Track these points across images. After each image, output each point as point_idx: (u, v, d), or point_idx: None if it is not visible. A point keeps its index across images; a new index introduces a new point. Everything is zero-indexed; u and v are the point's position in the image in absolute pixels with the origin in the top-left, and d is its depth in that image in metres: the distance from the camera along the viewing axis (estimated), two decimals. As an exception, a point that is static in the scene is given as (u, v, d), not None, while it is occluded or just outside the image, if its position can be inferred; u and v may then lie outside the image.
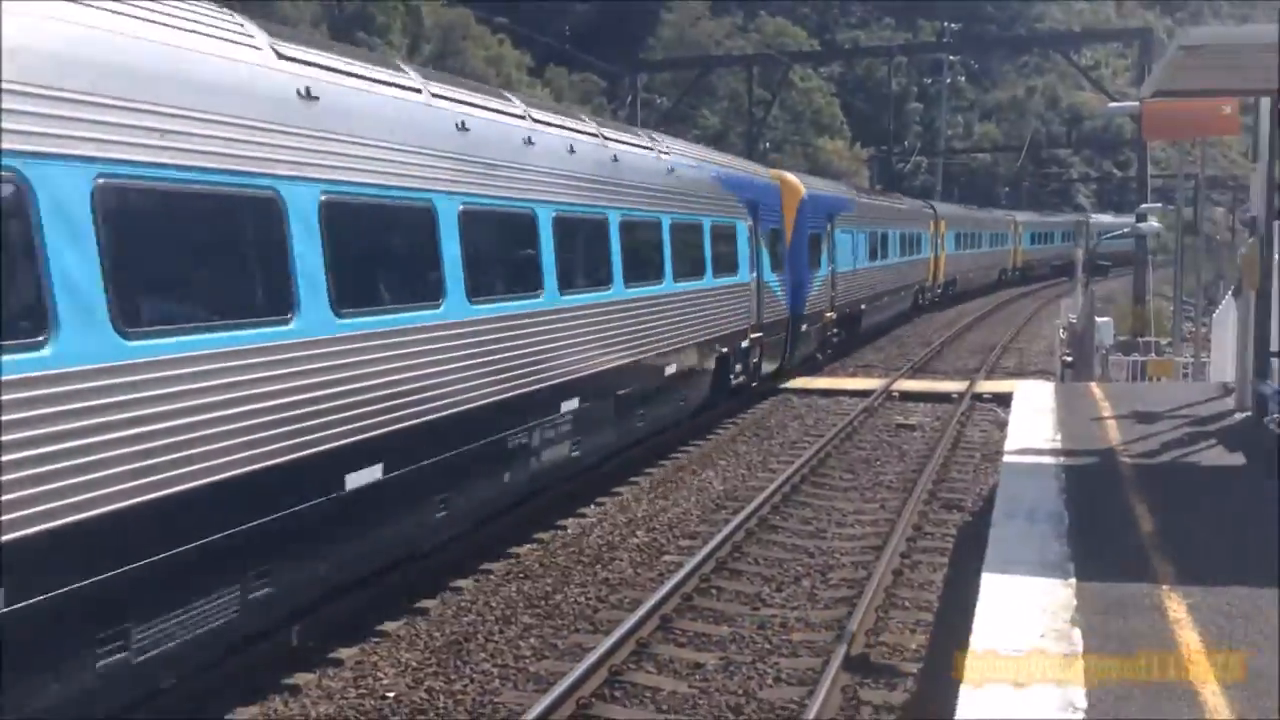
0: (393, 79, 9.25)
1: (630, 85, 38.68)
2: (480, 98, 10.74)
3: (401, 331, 8.75)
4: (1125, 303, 36.44)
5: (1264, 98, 11.42)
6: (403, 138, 8.93)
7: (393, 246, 9.20)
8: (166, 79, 6.51)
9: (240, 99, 7.11)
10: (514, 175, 10.80)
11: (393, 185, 8.78)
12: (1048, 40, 67.34)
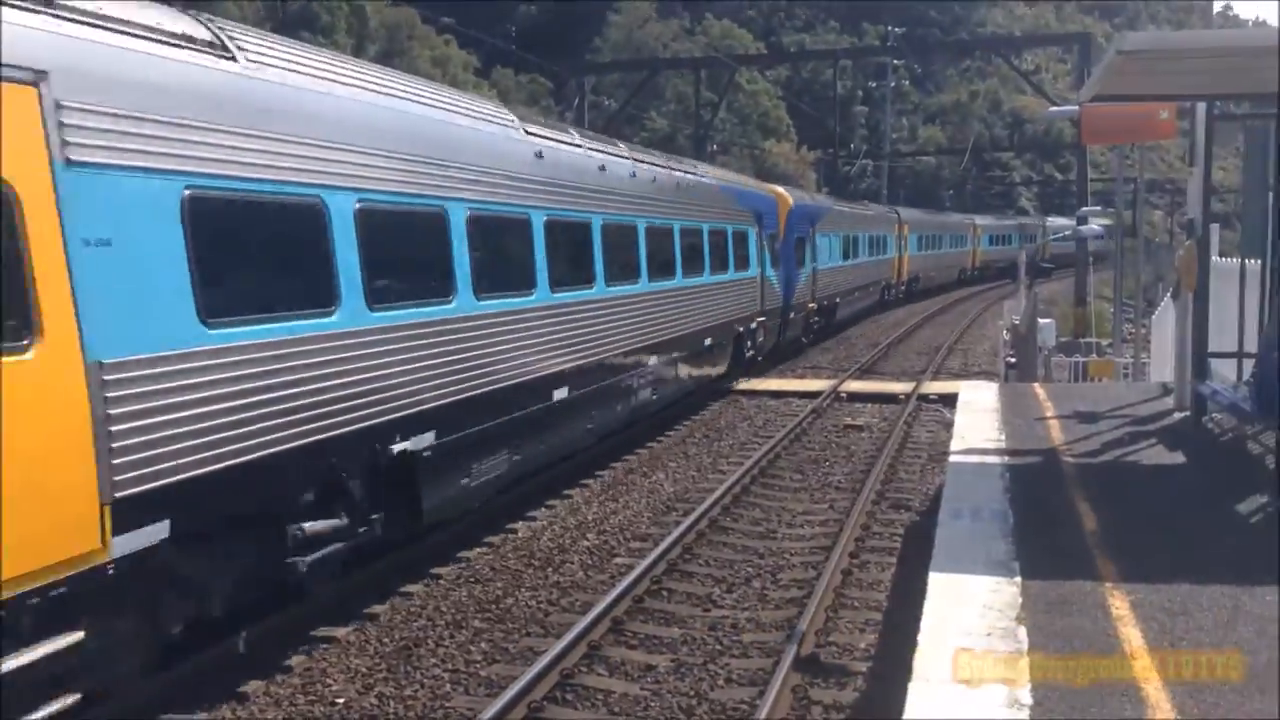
0: (493, 116, 12.04)
1: (578, 87, 38.64)
2: (557, 133, 13.76)
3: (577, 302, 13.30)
4: (1067, 304, 37.04)
5: (1200, 102, 11.67)
6: (504, 169, 11.64)
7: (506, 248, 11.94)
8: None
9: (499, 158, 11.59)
10: (578, 196, 13.69)
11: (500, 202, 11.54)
12: (990, 44, 68.38)
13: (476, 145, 11.07)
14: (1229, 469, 9.24)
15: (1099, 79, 9.65)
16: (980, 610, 5.70)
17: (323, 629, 9.13)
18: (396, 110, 9.81)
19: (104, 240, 6.20)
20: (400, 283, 9.53)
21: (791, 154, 79.67)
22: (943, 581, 6.26)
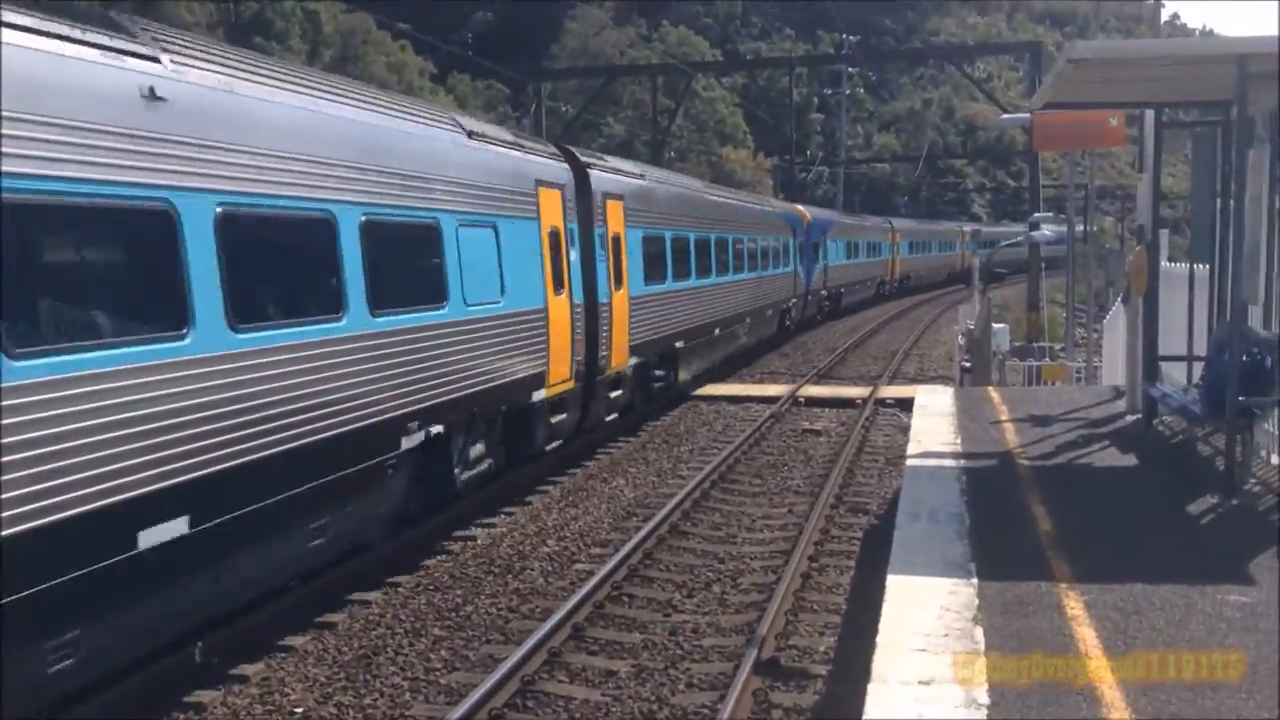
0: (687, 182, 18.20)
1: (534, 93, 38.61)
2: (702, 184, 23.66)
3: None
4: (1021, 309, 37.49)
5: (1149, 110, 11.87)
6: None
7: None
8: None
9: None
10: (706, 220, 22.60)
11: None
12: (943, 53, 69.22)
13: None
14: (1180, 471, 9.39)
15: (1049, 87, 9.80)
16: (938, 612, 5.76)
17: (280, 638, 9.05)
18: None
19: None
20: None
21: (748, 160, 79.98)
22: (900, 584, 6.32)
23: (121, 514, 6.64)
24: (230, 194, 7.94)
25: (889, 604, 5.98)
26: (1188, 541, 7.12)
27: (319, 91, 9.62)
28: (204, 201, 7.65)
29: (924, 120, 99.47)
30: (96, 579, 6.45)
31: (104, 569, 6.52)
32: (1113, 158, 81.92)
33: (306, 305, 9.02)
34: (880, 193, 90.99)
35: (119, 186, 6.89)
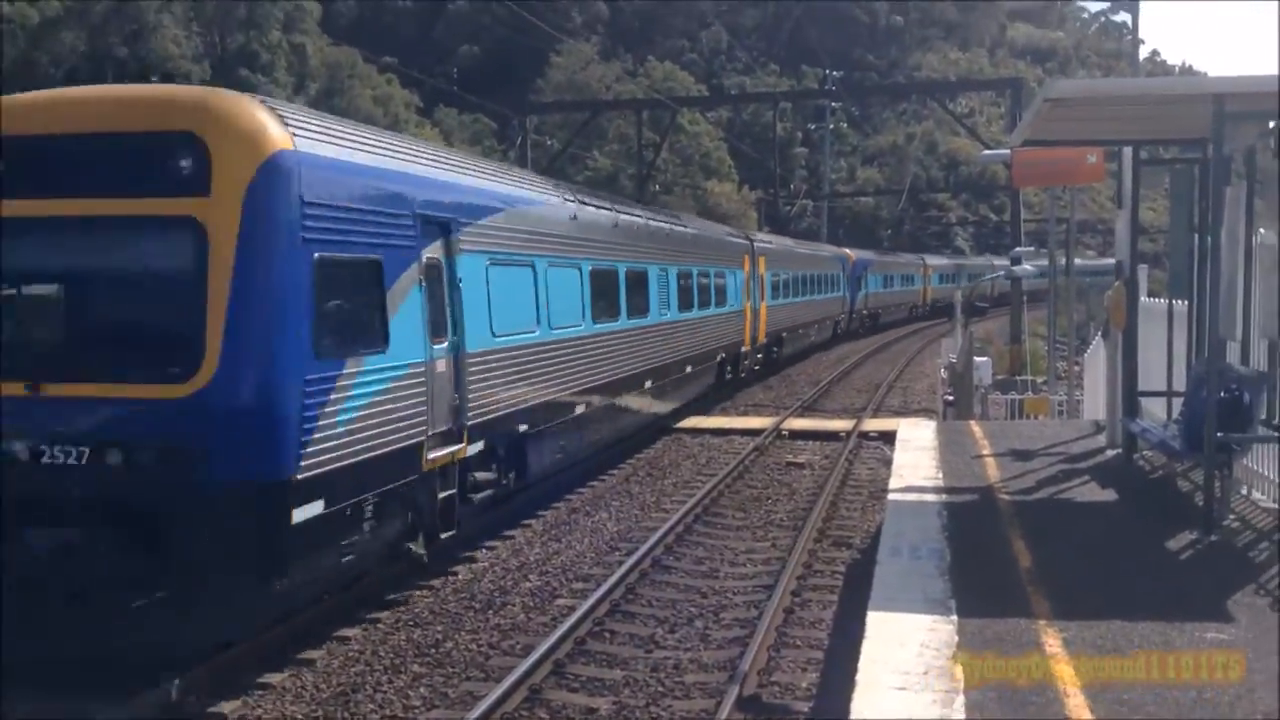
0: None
1: (520, 127, 38.78)
2: (783, 239, 37.77)
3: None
4: (1005, 342, 37.68)
5: (1127, 147, 12.00)
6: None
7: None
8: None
9: None
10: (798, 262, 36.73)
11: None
12: (925, 88, 69.81)
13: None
14: (1159, 506, 9.43)
15: (1028, 124, 9.91)
16: (917, 649, 5.76)
17: (258, 675, 8.97)
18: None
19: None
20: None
21: (733, 194, 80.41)
22: (881, 620, 6.31)
23: (512, 417, 12.90)
24: (597, 259, 16.66)
25: (869, 641, 5.97)
26: (1166, 578, 7.14)
27: (620, 209, 19.03)
28: (587, 263, 16.10)
29: (907, 154, 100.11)
30: (514, 440, 13.11)
31: (514, 441, 13.17)
32: (1094, 192, 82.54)
33: (631, 309, 18.27)
34: (864, 226, 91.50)
35: (566, 258, 15.26)
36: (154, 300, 8.70)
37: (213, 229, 8.29)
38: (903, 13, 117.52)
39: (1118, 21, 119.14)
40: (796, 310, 35.05)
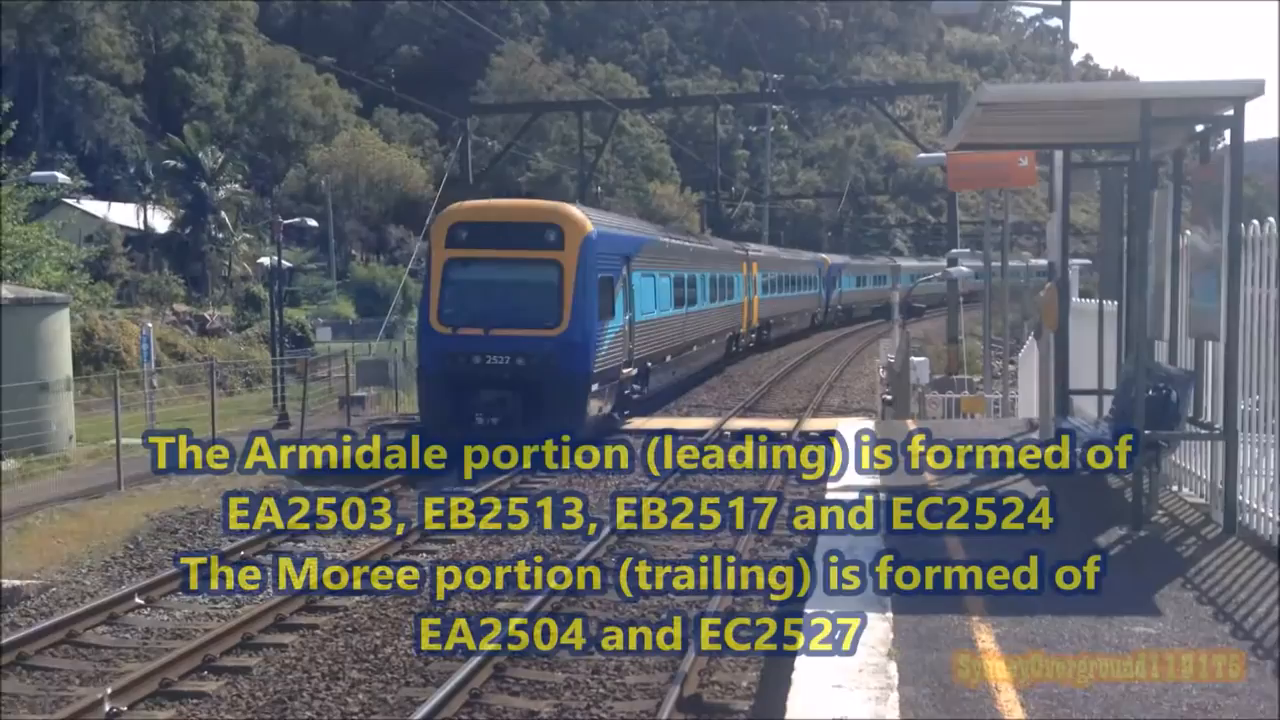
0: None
1: (460, 128, 38.57)
2: (772, 249, 50.08)
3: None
4: (942, 343, 38.18)
5: (1057, 150, 12.21)
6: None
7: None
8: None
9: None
10: (782, 266, 47.06)
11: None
12: (864, 92, 70.52)
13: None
14: (1090, 502, 9.59)
15: (961, 129, 10.04)
16: (853, 645, 5.81)
17: (191, 683, 8.84)
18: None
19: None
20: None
21: (675, 196, 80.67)
22: (818, 617, 6.35)
23: (647, 358, 22.76)
24: (676, 271, 26.10)
25: (806, 637, 6.01)
26: (1096, 573, 7.25)
27: (682, 238, 30.85)
28: (672, 273, 25.27)
29: (847, 157, 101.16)
30: (645, 370, 22.59)
31: (644, 370, 22.93)
32: (1029, 194, 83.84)
33: (690, 300, 27.62)
34: (805, 228, 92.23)
35: (666, 271, 24.97)
36: (541, 294, 18.92)
37: (565, 265, 18.90)
38: (842, 17, 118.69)
39: (1052, 26, 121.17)
40: (780, 304, 44.96)
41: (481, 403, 18.26)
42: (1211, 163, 9.19)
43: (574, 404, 18.64)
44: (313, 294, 58.24)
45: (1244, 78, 8.70)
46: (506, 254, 19.19)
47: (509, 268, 19.21)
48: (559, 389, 18.26)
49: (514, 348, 18.51)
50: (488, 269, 19.18)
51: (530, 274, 19.13)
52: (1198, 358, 9.25)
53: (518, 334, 18.53)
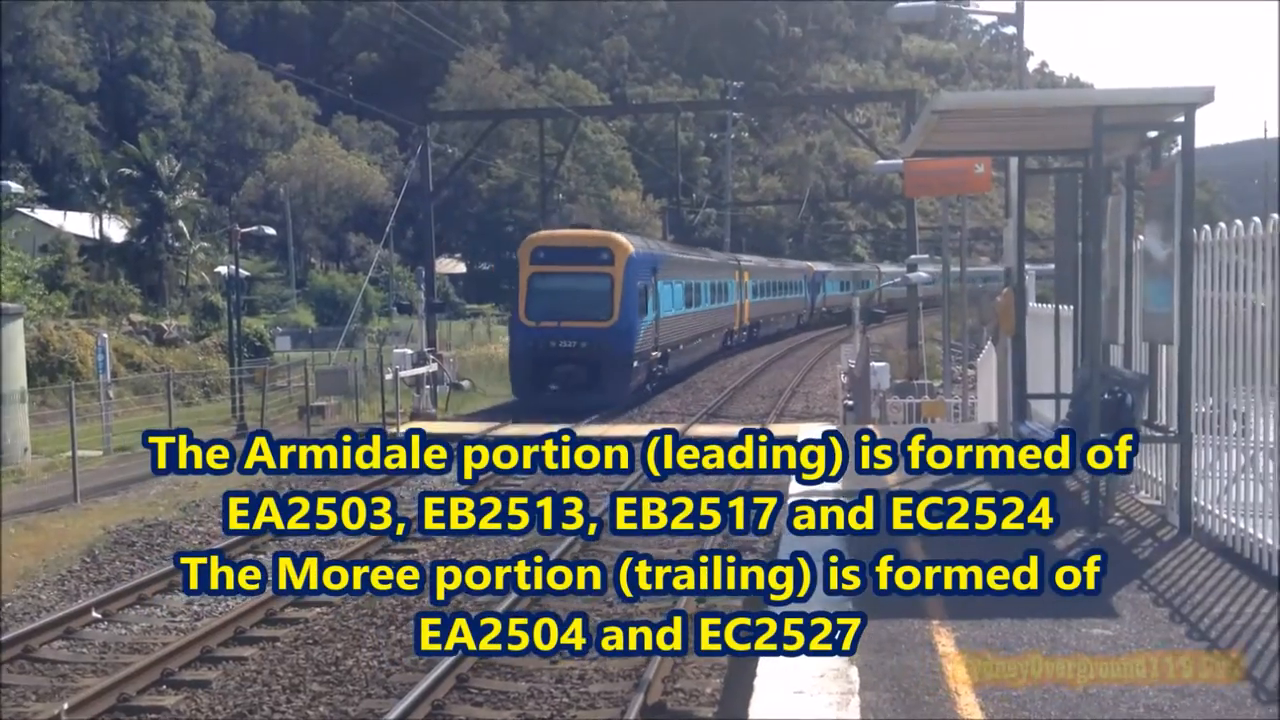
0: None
1: (420, 135, 38.42)
2: (767, 259, 58.11)
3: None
4: (904, 347, 38.46)
5: (1012, 157, 12.33)
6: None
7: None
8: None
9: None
10: (771, 274, 55.05)
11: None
12: (823, 99, 70.94)
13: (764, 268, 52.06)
14: (1048, 506, 9.67)
15: (917, 136, 10.12)
16: (814, 650, 5.82)
17: (149, 697, 8.73)
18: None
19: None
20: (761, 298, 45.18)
21: (637, 203, 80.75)
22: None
23: (668, 345, 30.77)
24: (688, 279, 34.07)
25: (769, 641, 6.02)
26: (1054, 577, 7.32)
27: (708, 255, 43.96)
28: (685, 280, 33.22)
29: (807, 164, 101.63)
30: (667, 354, 30.79)
31: (666, 355, 31.11)
32: (987, 200, 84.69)
33: (697, 302, 35.56)
34: (766, 234, 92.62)
35: (682, 279, 32.85)
36: (598, 297, 26.05)
37: (614, 276, 26.38)
38: (801, 24, 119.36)
39: (1008, 34, 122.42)
40: (768, 306, 51.42)
41: (555, 374, 26.01)
42: (1163, 168, 9.32)
43: (622, 376, 26.61)
44: (271, 303, 57.73)
45: (1195, 85, 8.83)
46: (573, 268, 26.84)
47: (575, 278, 26.63)
48: (611, 365, 26.16)
49: (579, 335, 25.98)
50: (560, 279, 26.66)
51: (590, 283, 26.52)
52: (1152, 362, 9.36)
53: (581, 325, 26.07)
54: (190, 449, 11.36)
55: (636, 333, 27.17)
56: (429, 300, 37.20)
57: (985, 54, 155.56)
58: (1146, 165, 9.88)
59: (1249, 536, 7.53)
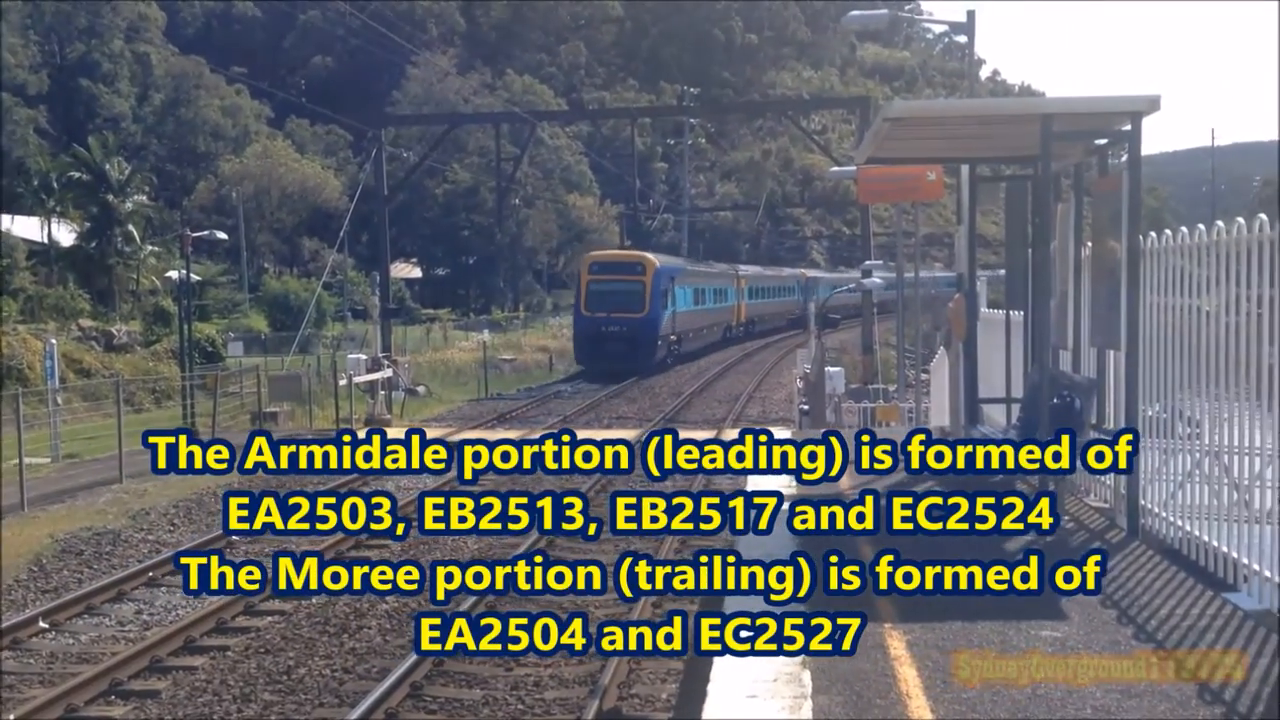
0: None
1: (375, 139, 38.18)
2: (765, 267, 73.22)
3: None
4: (858, 353, 38.71)
5: (964, 164, 12.47)
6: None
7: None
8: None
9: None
10: (768, 280, 69.41)
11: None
12: (779, 106, 71.36)
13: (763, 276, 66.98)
14: (998, 508, 9.77)
15: (870, 143, 10.21)
16: (768, 654, 5.85)
17: (97, 708, 8.60)
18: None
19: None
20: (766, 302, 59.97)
21: (595, 208, 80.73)
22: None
23: (682, 333, 45.16)
24: (695, 285, 48.47)
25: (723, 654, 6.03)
26: (1004, 578, 7.40)
27: (712, 267, 57.04)
28: (693, 285, 47.63)
29: (764, 170, 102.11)
30: (682, 338, 45.13)
31: (682, 338, 45.56)
32: (941, 206, 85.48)
33: (702, 301, 49.79)
34: (723, 240, 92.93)
35: (693, 285, 47.42)
36: (634, 296, 39.07)
37: (645, 282, 39.63)
38: (757, 31, 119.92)
39: (961, 42, 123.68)
40: (762, 306, 61.88)
41: (604, 349, 38.83)
42: (1111, 175, 9.46)
43: (649, 351, 39.70)
44: (224, 308, 57.04)
45: (1142, 94, 8.95)
46: (617, 277, 39.61)
47: (618, 283, 39.25)
48: (643, 343, 39.13)
49: (621, 323, 38.64)
50: (608, 284, 39.43)
51: (628, 286, 39.15)
52: (1100, 366, 9.49)
53: (622, 315, 38.60)
54: (190, 449, 11.37)
55: (660, 322, 40.74)
56: (384, 305, 36.97)
57: (939, 61, 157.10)
58: (1095, 172, 10.02)
59: (1195, 539, 7.65)
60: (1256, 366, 6.76)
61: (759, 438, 12.36)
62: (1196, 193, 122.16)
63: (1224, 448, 7.49)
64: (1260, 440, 7.09)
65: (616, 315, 38.47)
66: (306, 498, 15.89)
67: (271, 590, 11.26)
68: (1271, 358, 6.63)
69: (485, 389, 37.78)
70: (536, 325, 65.47)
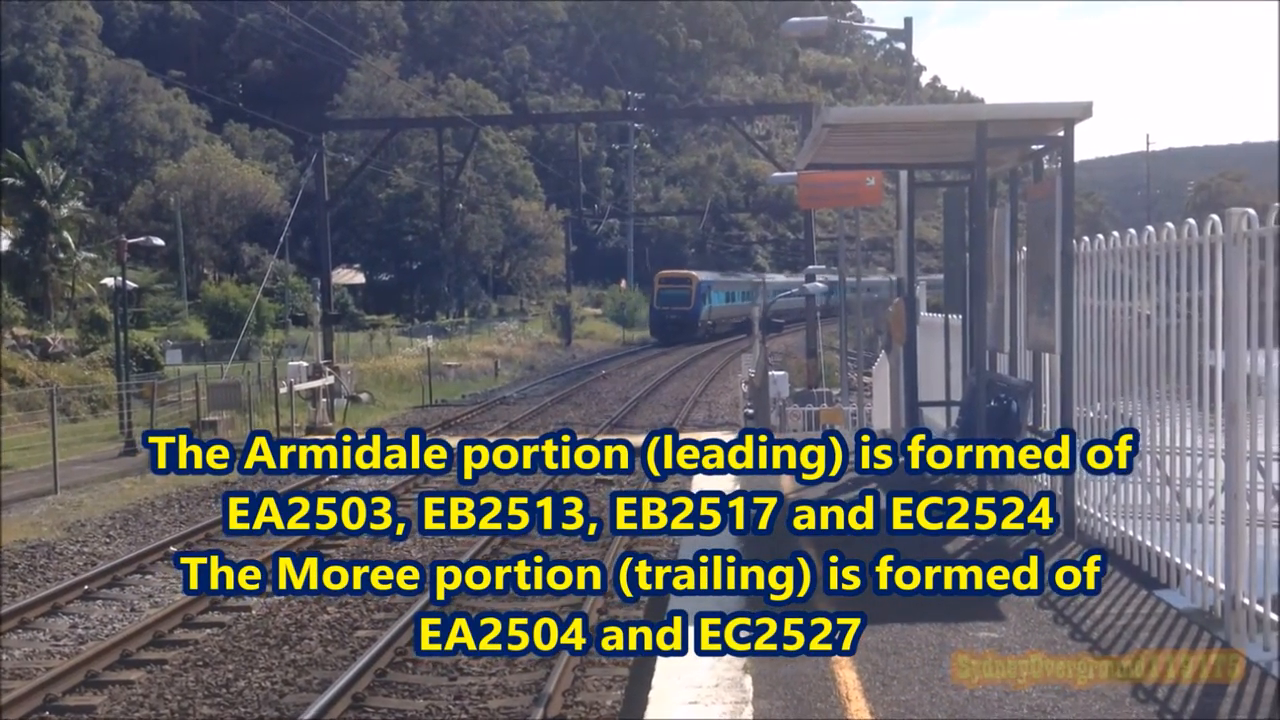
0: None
1: (316, 144, 37.80)
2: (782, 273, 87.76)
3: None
4: (803, 357, 38.98)
5: (902, 170, 12.60)
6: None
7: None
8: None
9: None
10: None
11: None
12: (723, 111, 71.60)
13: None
14: (937, 510, 9.88)
15: (809, 149, 10.28)
16: (710, 661, 5.86)
17: (29, 729, 8.42)
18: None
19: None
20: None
21: (540, 213, 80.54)
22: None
23: (717, 318, 72.62)
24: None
25: (663, 655, 6.04)
26: (943, 580, 7.48)
27: (739, 275, 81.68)
28: (723, 289, 74.95)
29: (709, 175, 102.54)
30: (717, 319, 73.09)
31: (717, 320, 72.62)
32: (883, 211, 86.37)
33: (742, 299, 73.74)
34: (669, 244, 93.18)
35: (723, 291, 75.24)
36: (684, 298, 67.15)
37: (691, 290, 67.64)
38: (701, 37, 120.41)
39: (901, 49, 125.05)
40: (781, 303, 72.33)
41: (666, 328, 65.76)
42: (1045, 181, 9.60)
43: (693, 330, 66.40)
44: (162, 315, 56.09)
45: (1075, 100, 9.10)
46: (673, 287, 66.33)
47: (674, 291, 66.11)
48: (689, 325, 65.97)
49: (677, 313, 65.60)
50: (668, 290, 66.34)
51: (680, 292, 66.14)
52: (1036, 369, 9.63)
53: (677, 309, 65.61)
54: (190, 449, 11.31)
55: (700, 313, 66.81)
56: (325, 311, 36.61)
57: (880, 68, 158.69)
58: (1030, 178, 10.17)
59: (1130, 539, 7.78)
60: (1189, 368, 6.89)
61: (706, 446, 12.48)
62: (1133, 197, 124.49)
63: (1158, 448, 7.62)
64: (1193, 441, 7.22)
65: (673, 308, 65.51)
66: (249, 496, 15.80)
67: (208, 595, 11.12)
68: (1205, 360, 6.76)
69: (429, 395, 37.54)
70: (482, 331, 65.13)
